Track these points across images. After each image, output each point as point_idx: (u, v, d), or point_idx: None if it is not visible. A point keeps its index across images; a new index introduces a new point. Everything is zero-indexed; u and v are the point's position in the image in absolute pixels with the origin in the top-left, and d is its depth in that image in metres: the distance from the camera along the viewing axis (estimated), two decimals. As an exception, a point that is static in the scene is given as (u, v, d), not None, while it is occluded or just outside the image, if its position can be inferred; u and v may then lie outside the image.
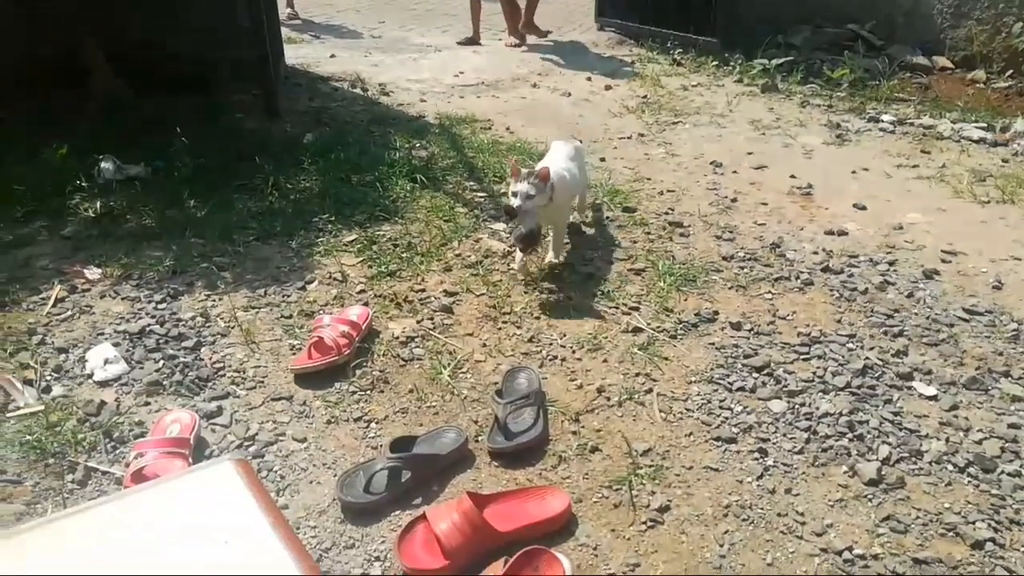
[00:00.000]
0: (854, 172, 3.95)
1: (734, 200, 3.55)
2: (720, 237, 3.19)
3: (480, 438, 2.09)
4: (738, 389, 2.28)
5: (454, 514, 1.74)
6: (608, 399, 2.24)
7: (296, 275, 2.82)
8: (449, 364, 2.36)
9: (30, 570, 1.22)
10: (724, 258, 3.02)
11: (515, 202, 2.63)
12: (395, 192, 3.48)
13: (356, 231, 3.14)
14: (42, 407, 2.12)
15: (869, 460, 2.04)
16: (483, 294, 2.75)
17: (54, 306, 2.57)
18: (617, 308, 2.67)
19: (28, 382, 2.22)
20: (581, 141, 3.65)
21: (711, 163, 3.98)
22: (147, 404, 2.17)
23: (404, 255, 2.97)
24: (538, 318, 2.61)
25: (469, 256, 3.00)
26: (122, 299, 2.63)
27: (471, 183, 3.68)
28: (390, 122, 4.47)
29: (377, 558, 1.74)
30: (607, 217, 3.34)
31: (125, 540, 1.28)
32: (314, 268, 2.88)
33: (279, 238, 3.06)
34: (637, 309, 2.66)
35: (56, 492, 1.88)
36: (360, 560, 1.73)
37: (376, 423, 2.14)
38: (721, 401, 2.23)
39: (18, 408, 2.13)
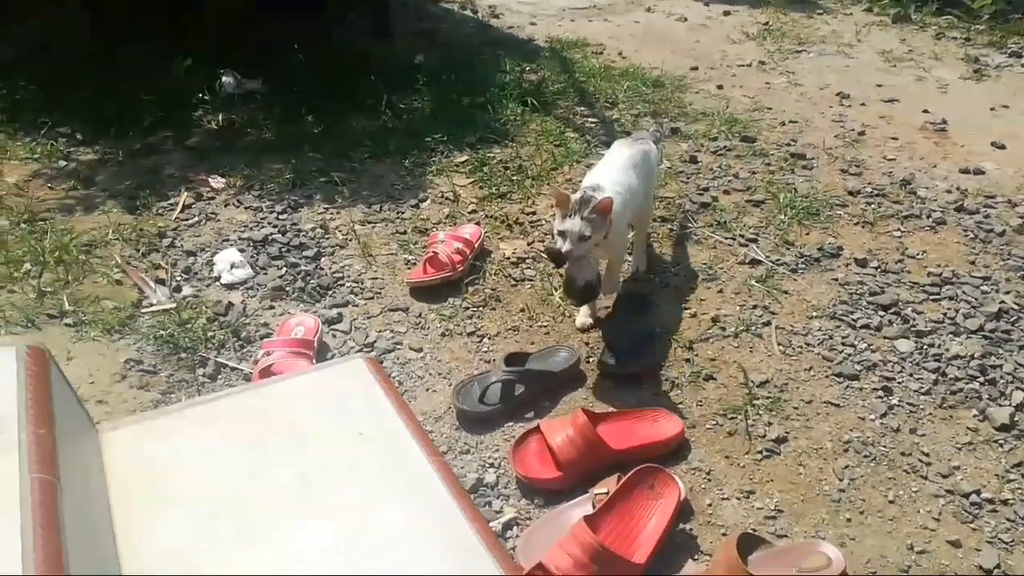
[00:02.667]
0: (993, 109, 3.67)
1: (861, 133, 3.36)
2: (846, 171, 3.03)
3: (591, 359, 2.08)
4: (862, 326, 2.19)
5: (568, 428, 1.75)
6: (723, 329, 2.19)
7: (410, 193, 2.85)
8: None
9: (185, 444, 1.30)
10: (850, 193, 2.87)
11: (564, 246, 1.87)
12: (505, 115, 3.44)
13: (467, 152, 3.13)
14: (174, 305, 2.23)
15: (1001, 405, 1.94)
16: (595, 219, 2.71)
17: (181, 212, 2.68)
18: (734, 239, 2.59)
19: (160, 281, 2.34)
20: (661, 138, 2.66)
21: (837, 94, 3.76)
22: (271, 308, 2.25)
23: (515, 178, 2.95)
24: (650, 246, 2.55)
25: (579, 180, 2.94)
26: (245, 208, 2.71)
27: (582, 108, 3.60)
28: (500, 45, 4.40)
29: (491, 464, 1.78)
30: (724, 147, 3.21)
31: (266, 424, 1.34)
32: (427, 187, 2.90)
33: (393, 156, 3.08)
34: (755, 241, 2.57)
35: (188, 384, 1.98)
36: (475, 465, 1.77)
37: (488, 338, 2.16)
38: (844, 337, 2.15)
39: (152, 305, 2.25)
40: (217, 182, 2.85)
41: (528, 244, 2.57)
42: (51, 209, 2.63)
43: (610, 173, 2.10)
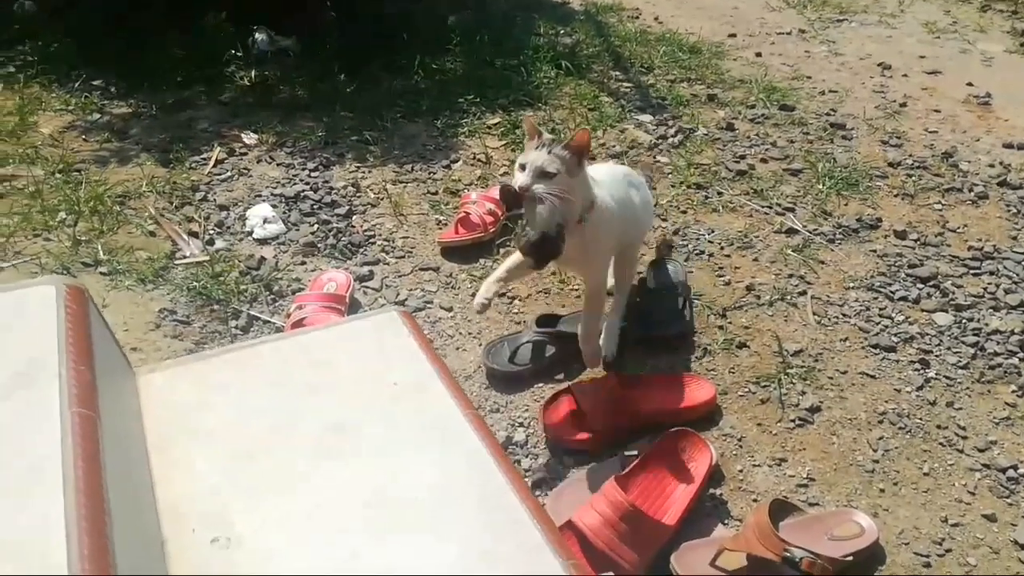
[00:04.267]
0: (1041, 83, 3.56)
1: (903, 105, 3.27)
2: (886, 142, 2.96)
3: (623, 324, 2.06)
4: (900, 299, 2.15)
5: (599, 390, 1.74)
6: (758, 297, 2.16)
7: (441, 154, 2.82)
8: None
9: (221, 388, 1.30)
10: (890, 164, 2.80)
11: (521, 179, 1.52)
12: (538, 78, 3.39)
13: (499, 114, 3.10)
14: (207, 258, 2.24)
15: (1042, 381, 1.90)
16: (628, 185, 2.67)
17: (214, 166, 2.68)
18: (771, 208, 2.54)
19: (193, 234, 2.34)
20: (651, 183, 2.29)
21: (878, 64, 3.67)
22: (303, 264, 2.25)
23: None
24: (684, 212, 2.52)
25: (614, 146, 2.91)
26: (277, 165, 2.71)
27: (616, 73, 3.54)
28: (534, 7, 4.32)
29: (521, 424, 1.77)
30: (762, 115, 3.15)
31: (300, 371, 1.34)
32: (458, 148, 2.87)
33: (424, 117, 3.06)
34: (792, 210, 2.53)
35: (221, 335, 1.99)
36: (505, 424, 1.77)
37: (519, 300, 2.15)
38: (881, 309, 2.11)
39: (185, 257, 2.25)
40: (250, 138, 2.84)
41: (560, 207, 2.54)
42: (85, 160, 2.64)
43: (605, 179, 1.75)
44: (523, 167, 1.53)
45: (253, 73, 3.27)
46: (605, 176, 1.76)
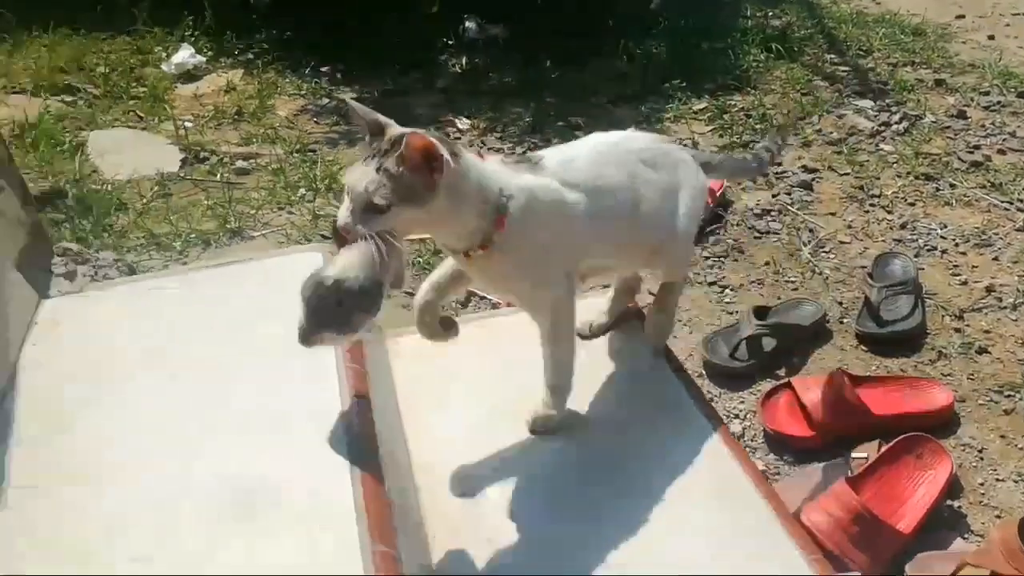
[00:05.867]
0: None
1: None
2: None
3: (845, 320, 1.98)
4: None
5: (824, 387, 1.67)
6: (999, 300, 2.00)
7: (647, 139, 2.81)
8: (809, 242, 2.25)
9: (467, 354, 1.38)
10: None
11: (341, 216, 1.01)
12: (747, 61, 3.28)
13: (706, 99, 3.04)
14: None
15: None
16: (847, 173, 2.55)
17: (431, 150, 2.81)
18: (1011, 203, 2.34)
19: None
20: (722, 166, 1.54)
21: None
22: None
23: (758, 126, 2.83)
24: (912, 204, 2.36)
25: (831, 132, 2.78)
26: (488, 149, 2.81)
27: (832, 56, 3.38)
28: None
29: (736, 416, 1.75)
30: (997, 102, 2.88)
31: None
32: (664, 134, 2.84)
33: (630, 102, 3.06)
34: (1038, 206, 2.31)
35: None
36: (720, 414, 1.74)
37: (731, 290, 2.11)
38: None
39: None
40: (463, 123, 2.96)
41: (773, 196, 2.46)
42: (318, 141, 2.86)
43: (584, 162, 1.19)
44: (349, 192, 1.02)
45: (464, 60, 3.40)
46: (589, 156, 1.20)
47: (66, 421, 1.14)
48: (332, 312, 0.99)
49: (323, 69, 3.39)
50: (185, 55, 3.29)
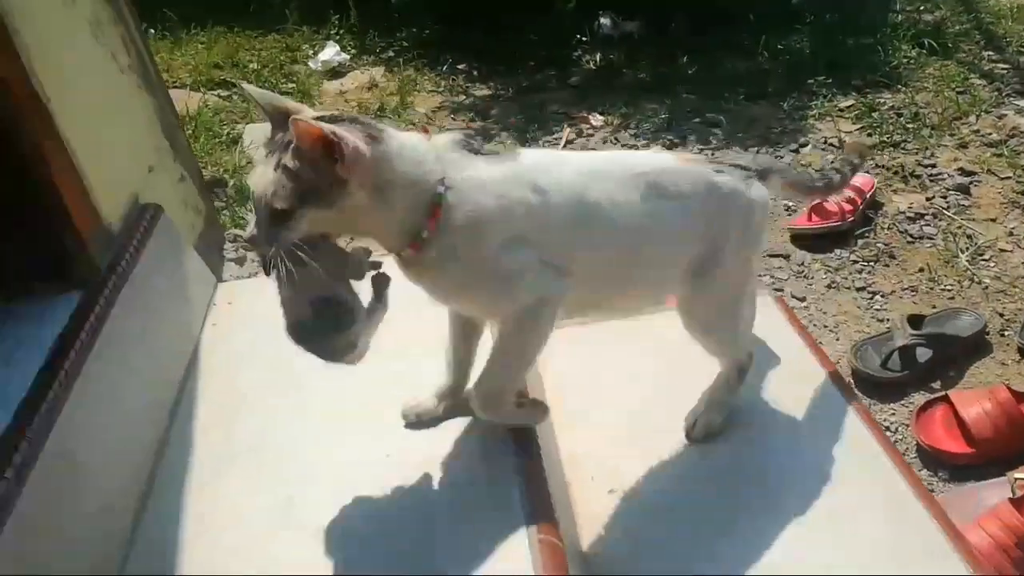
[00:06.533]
0: None
1: None
2: None
3: (1007, 332, 1.86)
4: None
5: (986, 402, 1.59)
6: None
7: (788, 137, 2.73)
8: (967, 248, 2.12)
9: (611, 356, 1.41)
10: None
11: (248, 229, 0.89)
12: (897, 57, 3.13)
13: (853, 96, 2.92)
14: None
15: None
16: (1008, 177, 2.40)
17: (565, 146, 2.84)
18: None
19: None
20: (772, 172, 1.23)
21: None
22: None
23: (909, 126, 2.69)
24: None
25: (990, 133, 2.61)
26: (622, 146, 2.80)
27: (989, 52, 3.17)
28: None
29: (887, 428, 1.68)
30: None
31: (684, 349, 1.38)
32: (807, 131, 2.76)
33: (770, 99, 2.97)
34: None
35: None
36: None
37: (881, 296, 2.02)
38: None
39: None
40: (596, 119, 2.97)
41: (927, 199, 2.34)
42: (456, 137, 2.94)
43: (557, 159, 1.11)
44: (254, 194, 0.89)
45: (598, 56, 3.40)
46: (579, 166, 1.06)
47: (244, 402, 1.23)
48: (320, 350, 0.95)
49: (460, 67, 3.48)
50: (331, 52, 3.45)
